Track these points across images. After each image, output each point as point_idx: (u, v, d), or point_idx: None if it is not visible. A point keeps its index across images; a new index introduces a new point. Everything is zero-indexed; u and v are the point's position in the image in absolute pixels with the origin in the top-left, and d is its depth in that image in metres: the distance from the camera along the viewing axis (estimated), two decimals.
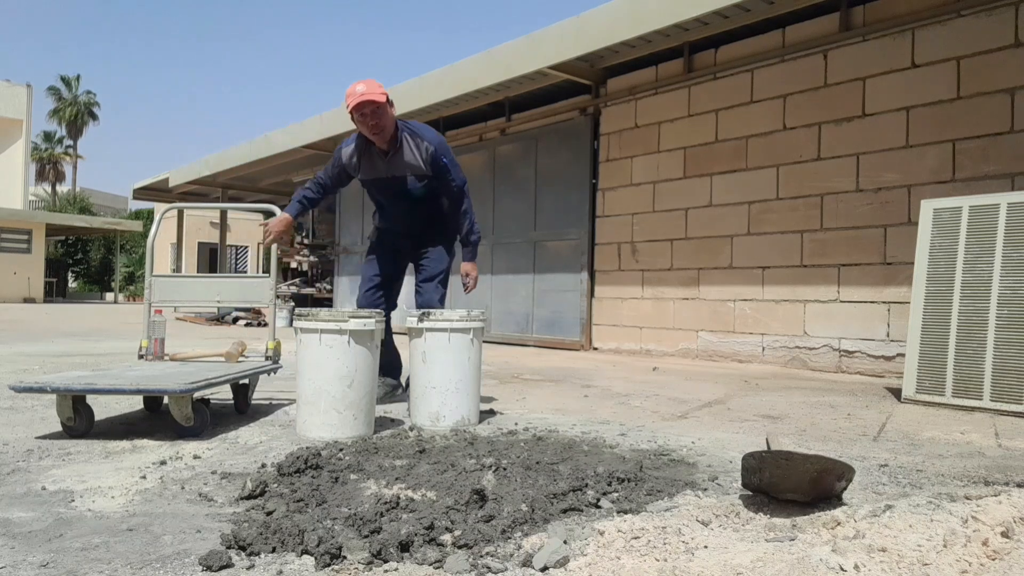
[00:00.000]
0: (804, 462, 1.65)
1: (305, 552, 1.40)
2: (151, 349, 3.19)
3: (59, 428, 2.55)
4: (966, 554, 1.23)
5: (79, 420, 2.49)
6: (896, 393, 3.90)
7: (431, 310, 2.88)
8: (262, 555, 1.40)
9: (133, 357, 5.33)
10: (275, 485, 1.84)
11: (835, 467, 1.67)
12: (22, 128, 24.94)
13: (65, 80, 44.88)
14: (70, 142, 45.34)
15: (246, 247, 26.51)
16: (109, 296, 28.03)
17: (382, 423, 2.83)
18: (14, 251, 21.91)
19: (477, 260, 3.46)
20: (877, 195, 5.04)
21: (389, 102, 3.14)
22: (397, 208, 3.41)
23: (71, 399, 2.44)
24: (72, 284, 31.19)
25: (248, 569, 1.34)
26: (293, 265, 13.30)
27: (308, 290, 12.21)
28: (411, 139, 3.22)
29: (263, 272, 3.38)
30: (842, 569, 1.19)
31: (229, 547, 1.42)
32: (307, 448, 2.12)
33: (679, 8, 5.32)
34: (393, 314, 3.50)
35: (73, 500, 1.75)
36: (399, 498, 1.70)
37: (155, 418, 2.87)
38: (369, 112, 3.06)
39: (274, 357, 3.24)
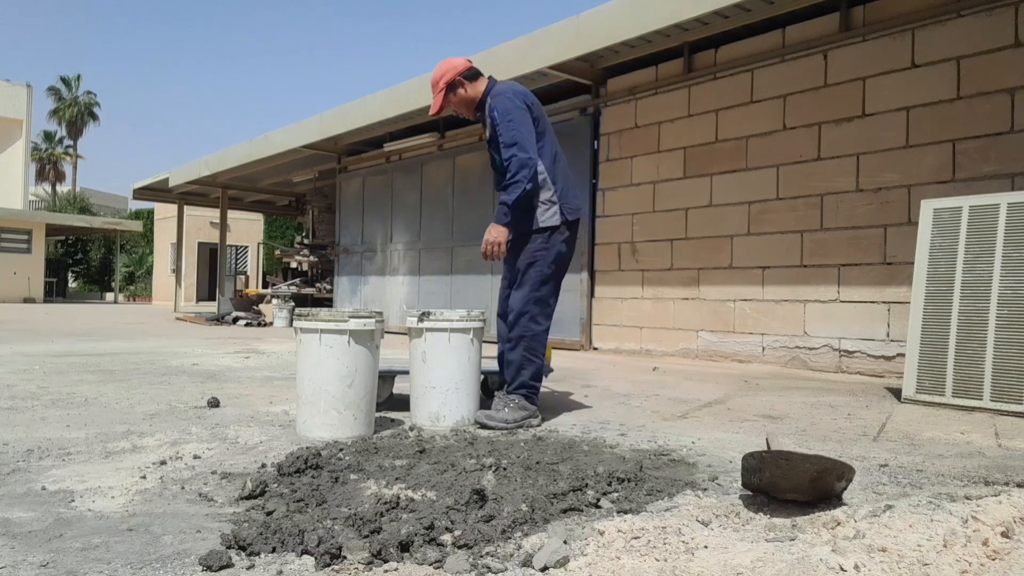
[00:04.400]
0: (804, 462, 1.65)
1: (305, 552, 1.40)
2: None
3: (60, 428, 2.58)
4: (966, 554, 1.23)
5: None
6: (896, 393, 3.90)
7: (431, 309, 2.88)
8: (262, 555, 1.40)
9: (136, 356, 5.34)
10: (275, 485, 1.84)
11: (835, 467, 1.67)
12: (22, 128, 24.95)
13: (65, 80, 44.96)
14: (70, 142, 45.41)
15: (246, 247, 26.49)
16: (109, 296, 28.03)
17: (382, 423, 2.83)
18: (14, 251, 21.93)
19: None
20: (877, 195, 5.04)
21: (452, 86, 3.01)
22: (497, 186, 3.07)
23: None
24: (72, 284, 31.20)
25: (248, 569, 1.34)
26: (293, 265, 13.30)
27: (308, 290, 12.20)
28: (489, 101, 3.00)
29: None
30: (842, 569, 1.19)
31: (229, 547, 1.42)
32: (307, 448, 2.12)
33: (679, 8, 5.32)
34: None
35: (73, 500, 1.75)
36: (399, 498, 1.70)
37: (155, 418, 2.87)
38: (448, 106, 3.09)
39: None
